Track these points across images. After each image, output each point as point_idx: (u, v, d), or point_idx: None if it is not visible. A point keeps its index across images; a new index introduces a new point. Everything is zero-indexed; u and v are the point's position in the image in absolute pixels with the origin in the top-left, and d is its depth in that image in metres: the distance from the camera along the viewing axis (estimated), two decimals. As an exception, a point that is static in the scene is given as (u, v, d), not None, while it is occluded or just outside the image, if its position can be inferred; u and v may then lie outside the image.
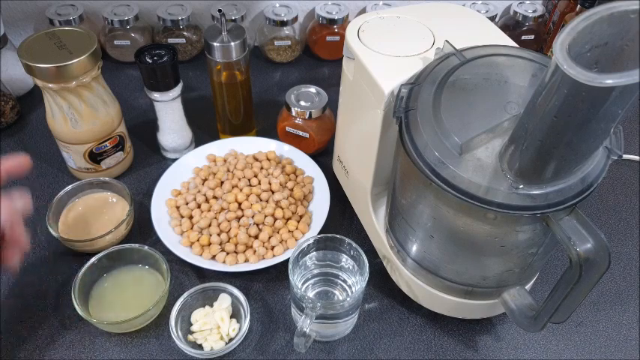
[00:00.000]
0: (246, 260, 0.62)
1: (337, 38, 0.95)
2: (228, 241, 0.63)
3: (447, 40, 0.49)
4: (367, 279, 0.52)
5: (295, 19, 0.93)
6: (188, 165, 0.72)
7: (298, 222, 0.65)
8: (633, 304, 0.62)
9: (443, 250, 0.51)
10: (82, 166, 0.70)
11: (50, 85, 0.61)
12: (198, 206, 0.66)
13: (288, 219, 0.65)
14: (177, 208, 0.67)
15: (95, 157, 0.69)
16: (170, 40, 0.91)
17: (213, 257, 0.62)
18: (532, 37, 0.96)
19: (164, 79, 0.67)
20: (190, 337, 0.55)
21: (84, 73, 0.62)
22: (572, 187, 0.41)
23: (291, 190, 0.69)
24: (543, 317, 0.46)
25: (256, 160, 0.73)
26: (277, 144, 0.75)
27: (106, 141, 0.69)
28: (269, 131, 0.80)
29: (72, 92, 0.63)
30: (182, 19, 0.90)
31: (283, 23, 0.92)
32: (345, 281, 0.58)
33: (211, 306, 0.57)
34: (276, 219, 0.65)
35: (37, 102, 0.85)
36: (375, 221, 0.62)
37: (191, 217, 0.66)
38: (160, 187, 0.68)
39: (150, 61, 0.66)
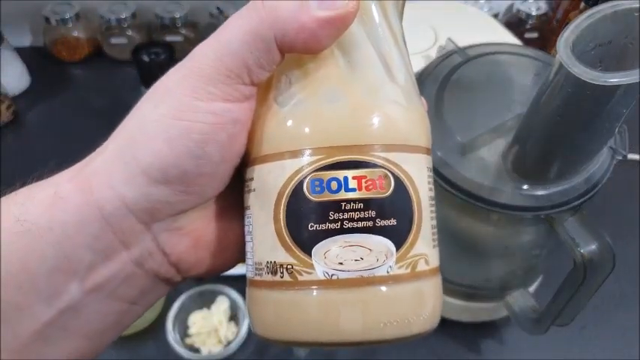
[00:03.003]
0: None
1: (337, 36, 0.94)
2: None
3: (449, 38, 0.48)
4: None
5: (295, 17, 0.92)
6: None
7: (297, 223, 0.64)
8: (638, 306, 0.61)
9: (445, 252, 0.50)
10: (263, 264, 0.21)
11: None
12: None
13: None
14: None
15: (299, 218, 0.20)
16: (167, 38, 0.90)
17: (212, 258, 0.61)
18: (535, 35, 0.95)
19: (161, 78, 0.66)
20: (188, 341, 0.54)
21: None
22: (577, 188, 0.40)
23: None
24: (547, 320, 0.45)
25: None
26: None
27: (351, 164, 0.19)
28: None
29: None
30: (179, 17, 0.89)
31: (282, 21, 0.91)
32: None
33: (209, 308, 0.57)
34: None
35: (34, 101, 0.84)
36: (375, 222, 0.61)
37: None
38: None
39: (147, 60, 0.65)
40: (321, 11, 0.18)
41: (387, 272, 0.19)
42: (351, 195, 0.19)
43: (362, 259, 0.19)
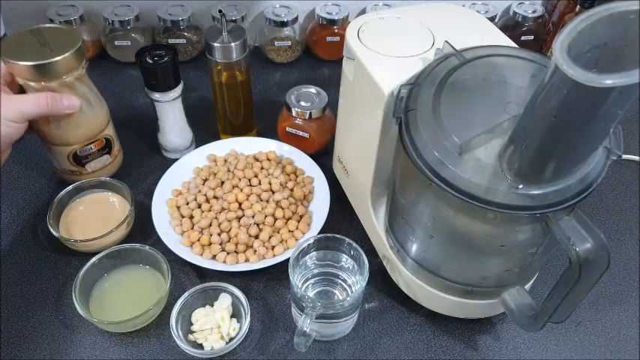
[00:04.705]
0: (247, 260, 0.62)
1: (337, 39, 0.95)
2: (229, 241, 0.63)
3: (446, 41, 0.49)
4: (367, 279, 0.52)
5: (295, 19, 0.93)
6: (189, 165, 0.72)
7: (298, 222, 0.65)
8: (633, 303, 0.62)
9: (443, 250, 0.51)
10: (66, 168, 0.68)
11: (31, 84, 0.59)
12: (199, 206, 0.67)
13: (288, 219, 0.65)
14: (178, 208, 0.67)
15: (79, 159, 0.67)
16: (170, 41, 0.91)
17: (214, 257, 0.62)
18: (532, 37, 0.96)
19: (165, 80, 0.67)
20: (191, 337, 0.55)
21: (67, 72, 0.59)
22: (572, 187, 0.41)
23: (292, 190, 0.69)
24: (543, 317, 0.46)
25: (257, 160, 0.73)
26: (277, 144, 0.75)
27: (91, 143, 0.67)
28: (269, 131, 0.80)
29: (55, 92, 0.60)
30: (182, 20, 0.90)
31: (283, 24, 0.92)
32: (345, 281, 0.58)
33: (212, 305, 0.57)
34: (276, 219, 0.65)
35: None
36: (375, 221, 0.62)
37: (192, 217, 0.66)
38: (161, 187, 0.68)
39: (150, 62, 0.66)
40: (68, 110, 0.60)
41: None
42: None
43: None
